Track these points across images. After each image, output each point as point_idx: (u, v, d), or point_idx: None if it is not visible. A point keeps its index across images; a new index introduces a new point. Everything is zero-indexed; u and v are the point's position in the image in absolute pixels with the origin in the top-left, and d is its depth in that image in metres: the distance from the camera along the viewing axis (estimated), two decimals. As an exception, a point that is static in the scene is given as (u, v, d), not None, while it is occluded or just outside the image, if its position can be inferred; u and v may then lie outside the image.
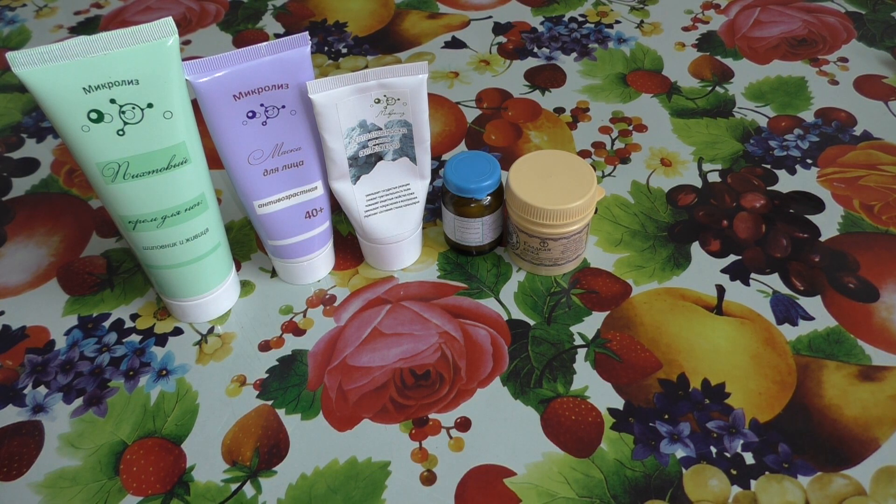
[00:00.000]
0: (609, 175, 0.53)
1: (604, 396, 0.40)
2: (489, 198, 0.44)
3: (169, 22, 0.34)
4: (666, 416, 0.39)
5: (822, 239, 0.48)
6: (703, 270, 0.47)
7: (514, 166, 0.44)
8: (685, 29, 0.67)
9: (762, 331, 0.43)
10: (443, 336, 0.44)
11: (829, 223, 0.49)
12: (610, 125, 0.57)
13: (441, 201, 0.46)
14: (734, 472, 0.37)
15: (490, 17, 0.70)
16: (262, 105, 0.38)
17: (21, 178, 0.56)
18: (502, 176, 0.51)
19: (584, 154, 0.55)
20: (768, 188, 0.52)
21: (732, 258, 0.47)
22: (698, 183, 0.52)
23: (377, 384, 0.41)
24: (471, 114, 0.59)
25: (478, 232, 0.46)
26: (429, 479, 0.38)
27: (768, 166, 0.53)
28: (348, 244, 0.49)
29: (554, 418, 0.40)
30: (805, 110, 0.58)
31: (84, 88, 0.33)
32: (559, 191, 0.42)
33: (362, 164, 0.42)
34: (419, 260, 0.48)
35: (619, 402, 0.40)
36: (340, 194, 0.43)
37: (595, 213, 0.49)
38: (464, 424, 0.40)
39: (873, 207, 0.50)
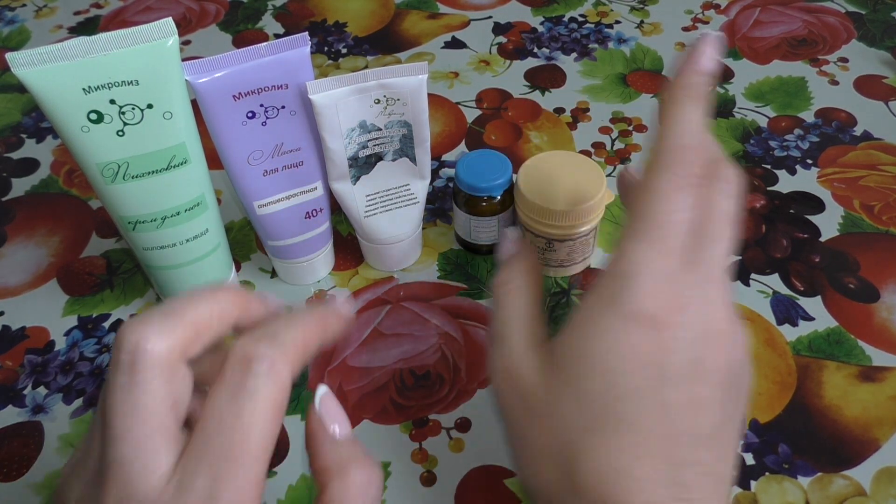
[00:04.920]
0: (609, 175, 0.53)
1: (604, 397, 0.40)
2: (502, 195, 0.44)
3: (169, 22, 0.34)
4: (666, 417, 0.39)
5: (822, 239, 0.48)
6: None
7: (524, 166, 0.44)
8: (685, 29, 0.67)
9: (762, 331, 0.43)
10: (443, 337, 0.44)
11: (829, 223, 0.49)
12: (610, 125, 0.57)
13: (453, 201, 0.46)
14: (734, 473, 0.37)
15: (490, 17, 0.70)
16: (261, 105, 0.38)
17: (21, 179, 0.56)
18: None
19: (584, 154, 0.55)
20: (768, 188, 0.52)
21: (732, 258, 0.47)
22: (698, 183, 0.52)
23: (377, 385, 0.41)
24: (471, 114, 0.59)
25: (493, 230, 0.46)
26: (429, 479, 0.38)
27: (768, 166, 0.53)
28: (348, 244, 0.49)
29: (554, 419, 0.40)
30: (805, 110, 0.58)
31: (84, 89, 0.33)
32: (568, 192, 0.42)
33: (362, 165, 0.42)
34: (419, 260, 0.48)
35: (619, 403, 0.40)
36: (340, 195, 0.43)
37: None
38: (464, 425, 0.40)
39: (873, 208, 0.50)
